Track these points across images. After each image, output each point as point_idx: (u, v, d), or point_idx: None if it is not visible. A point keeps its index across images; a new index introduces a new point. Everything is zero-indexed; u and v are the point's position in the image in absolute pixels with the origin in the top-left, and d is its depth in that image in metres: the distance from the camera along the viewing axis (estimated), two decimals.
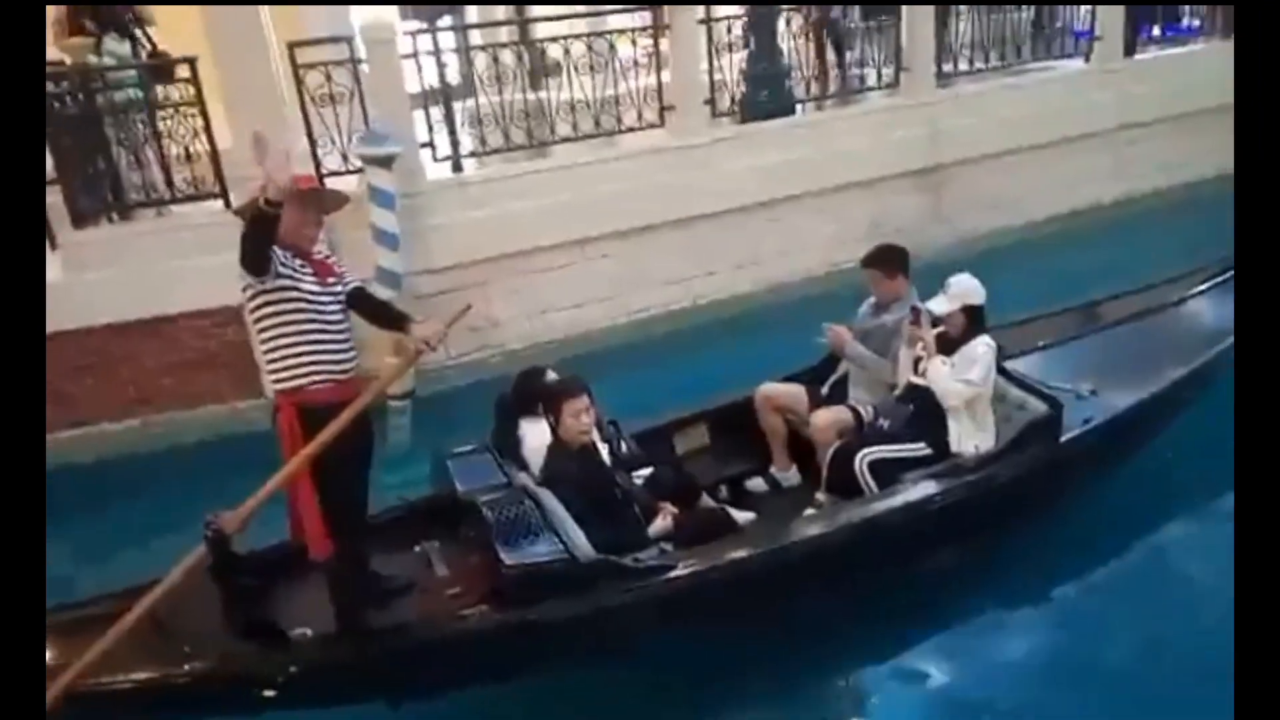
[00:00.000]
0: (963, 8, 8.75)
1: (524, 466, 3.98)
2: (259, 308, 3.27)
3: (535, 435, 4.05)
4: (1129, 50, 9.53)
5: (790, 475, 4.76)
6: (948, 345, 4.30)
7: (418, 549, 3.91)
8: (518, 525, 3.46)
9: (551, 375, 4.23)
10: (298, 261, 3.32)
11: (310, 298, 3.31)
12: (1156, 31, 10.28)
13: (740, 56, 7.99)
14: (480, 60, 7.00)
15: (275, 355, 3.31)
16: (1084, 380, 4.77)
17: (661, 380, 6.60)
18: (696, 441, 4.89)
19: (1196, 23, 10.59)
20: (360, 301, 3.53)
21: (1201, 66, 9.82)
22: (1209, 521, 4.78)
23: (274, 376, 3.34)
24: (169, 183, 6.28)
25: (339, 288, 3.46)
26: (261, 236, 3.10)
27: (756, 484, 4.77)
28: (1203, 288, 5.74)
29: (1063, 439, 4.24)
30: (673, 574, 3.54)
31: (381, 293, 6.28)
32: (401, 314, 3.62)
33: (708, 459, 4.84)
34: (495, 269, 6.96)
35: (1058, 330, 5.41)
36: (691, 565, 3.59)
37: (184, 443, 6.21)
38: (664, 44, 7.41)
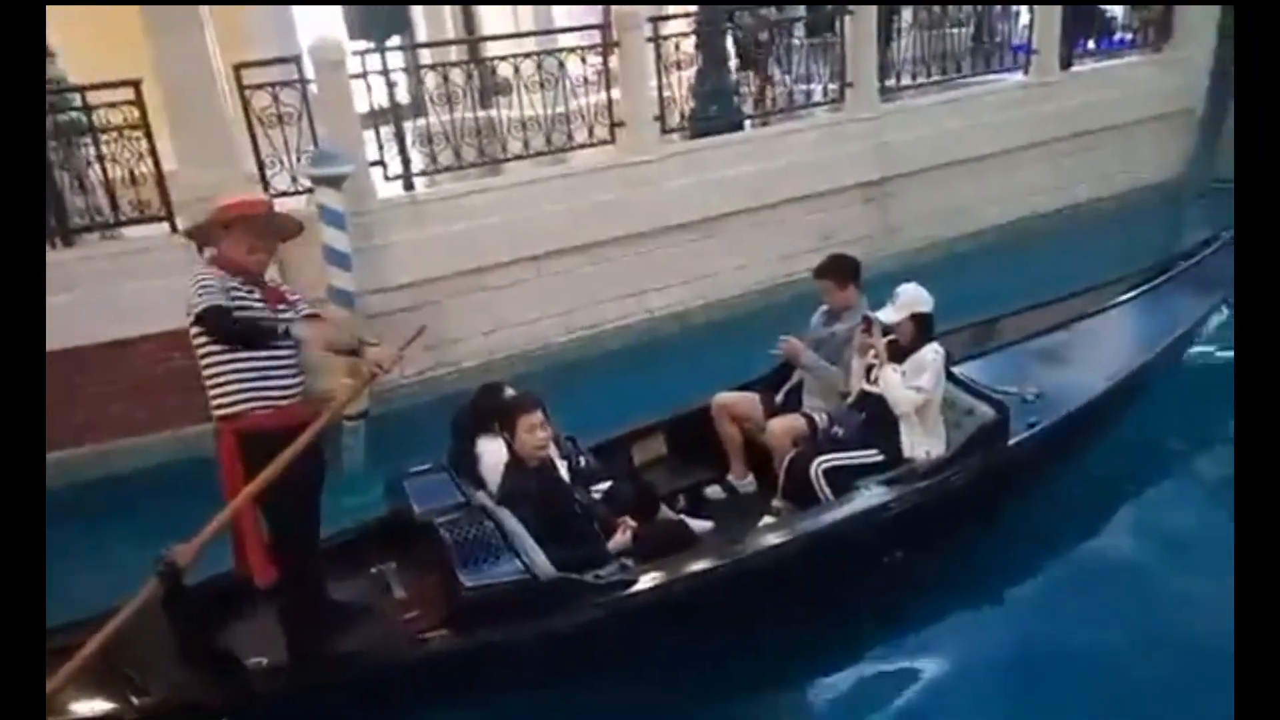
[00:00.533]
0: (905, 23, 8.95)
1: (481, 485, 3.94)
2: (203, 333, 3.23)
3: (492, 453, 4.02)
4: (1065, 64, 9.80)
5: (747, 483, 4.81)
6: (898, 353, 4.38)
7: (374, 571, 3.86)
8: (476, 545, 3.42)
9: (509, 391, 4.22)
10: (247, 288, 3.30)
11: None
12: (1091, 45, 10.58)
13: (689, 73, 8.09)
14: (430, 79, 7.01)
15: (219, 381, 3.26)
16: (1029, 384, 4.88)
17: (618, 393, 6.61)
18: (654, 452, 4.92)
19: (1129, 36, 10.92)
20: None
21: (1134, 78, 10.17)
22: (1158, 513, 4.98)
23: (216, 402, 3.29)
24: (114, 206, 6.18)
25: (289, 315, 3.41)
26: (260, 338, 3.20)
27: (714, 492, 4.81)
28: (1140, 290, 5.92)
29: (1010, 442, 4.33)
30: (634, 589, 3.53)
31: (335, 313, 6.29)
32: (354, 340, 3.60)
33: (666, 469, 4.87)
34: (449, 287, 6.94)
35: (1003, 335, 5.53)
36: (652, 579, 3.58)
37: (135, 469, 6.08)
38: (614, 62, 7.46)
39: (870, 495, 4.05)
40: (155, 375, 6.17)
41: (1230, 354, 6.26)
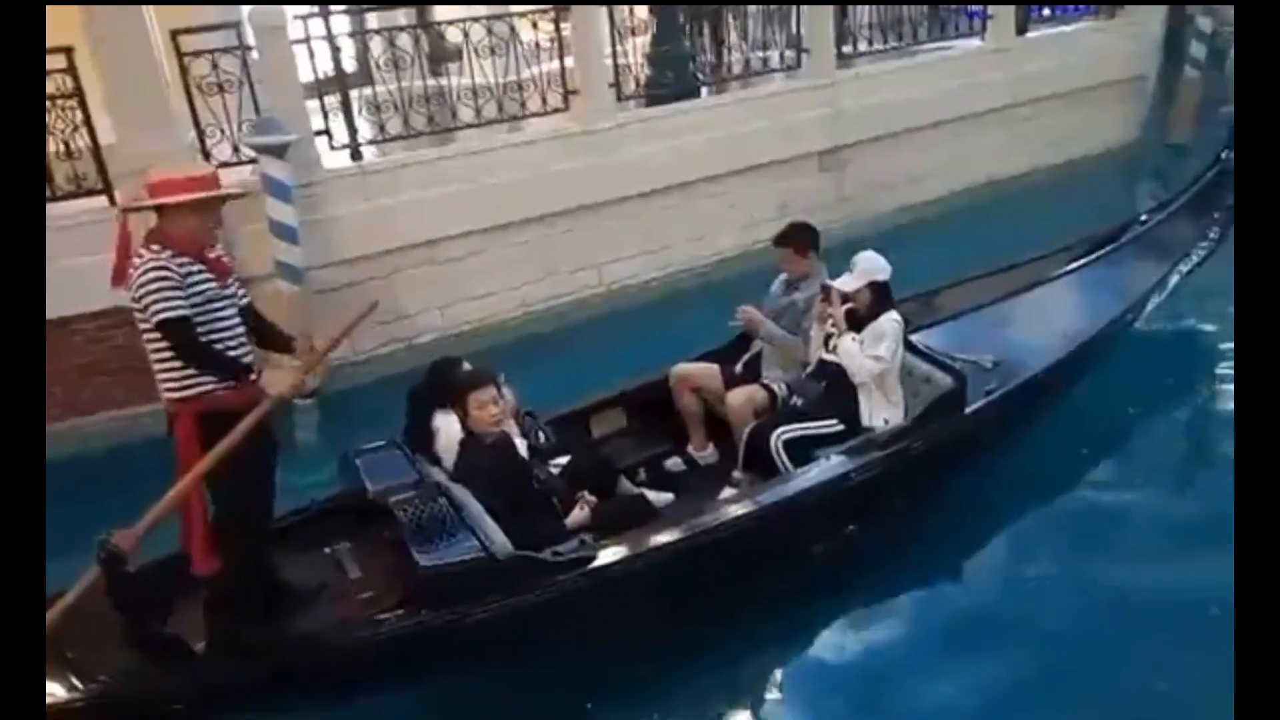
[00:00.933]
0: None
1: (437, 461, 3.87)
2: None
3: (449, 429, 3.94)
4: (1021, 29, 9.81)
5: (708, 454, 4.78)
6: (856, 322, 4.36)
7: (327, 551, 3.77)
8: (432, 524, 3.35)
9: (466, 366, 4.12)
10: (195, 266, 3.19)
11: (208, 305, 3.20)
12: (1047, 11, 10.59)
13: (644, 40, 7.95)
14: (377, 44, 6.81)
15: (170, 362, 3.16)
16: (986, 351, 4.89)
17: (576, 366, 6.56)
18: (613, 425, 4.87)
19: (1083, 4, 10.93)
20: (247, 317, 3.41)
21: (1089, 45, 10.21)
22: (1113, 477, 5.05)
23: (169, 384, 3.19)
24: (48, 180, 5.94)
25: (234, 288, 3.35)
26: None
27: (674, 464, 4.78)
28: (1095, 256, 5.94)
29: (967, 410, 4.34)
30: (593, 565, 3.49)
31: (283, 288, 6.12)
32: (287, 336, 3.54)
33: (625, 442, 4.83)
34: (401, 260, 6.79)
35: (960, 302, 5.51)
36: (612, 555, 3.55)
37: (78, 453, 5.88)
38: (566, 28, 7.31)
39: (830, 465, 4.04)
40: (97, 355, 5.98)
41: (1182, 319, 6.42)
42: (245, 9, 6.51)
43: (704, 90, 8.31)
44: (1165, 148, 10.19)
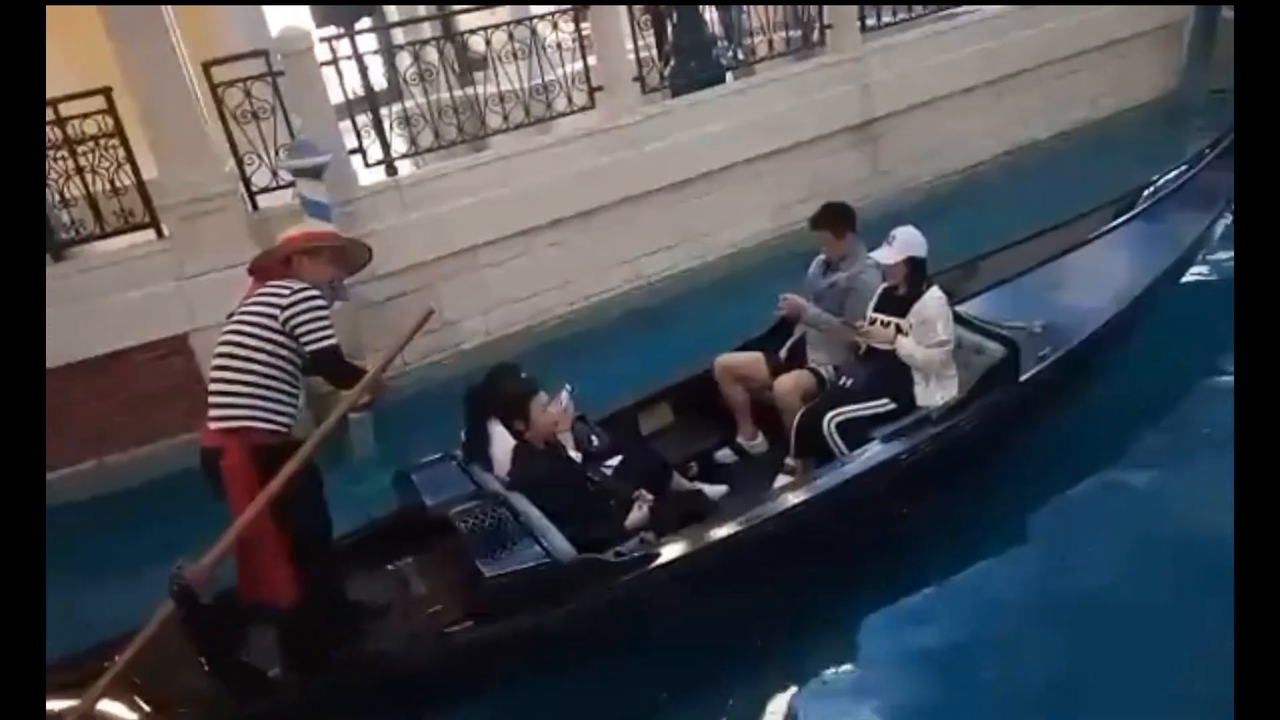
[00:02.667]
0: None
1: (491, 467, 3.89)
2: (284, 342, 3.25)
3: (502, 435, 3.95)
4: None
5: (757, 443, 4.77)
6: (898, 301, 4.32)
7: (391, 568, 3.81)
8: (493, 534, 3.37)
9: (523, 374, 4.10)
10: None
11: None
12: None
13: (667, 30, 7.93)
14: (404, 60, 6.89)
15: (264, 394, 3.23)
16: (1034, 316, 4.82)
17: (622, 362, 6.57)
18: (661, 420, 4.88)
19: None
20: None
21: None
22: (1170, 441, 4.86)
23: (244, 413, 3.21)
24: (98, 217, 6.11)
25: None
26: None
27: (725, 455, 4.78)
28: (1138, 210, 5.81)
29: (1023, 378, 4.28)
30: (656, 564, 3.49)
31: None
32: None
33: (674, 436, 4.83)
34: (441, 269, 6.86)
35: (1002, 268, 5.42)
36: (674, 552, 3.54)
37: (144, 480, 6.04)
38: (587, 27, 7.32)
39: (887, 447, 4.00)
40: (153, 385, 6.13)
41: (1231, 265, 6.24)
42: (273, 33, 6.62)
43: (729, 75, 8.26)
44: (1210, 92, 9.91)
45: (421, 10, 10.11)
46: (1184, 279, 5.58)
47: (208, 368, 3.44)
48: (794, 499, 3.81)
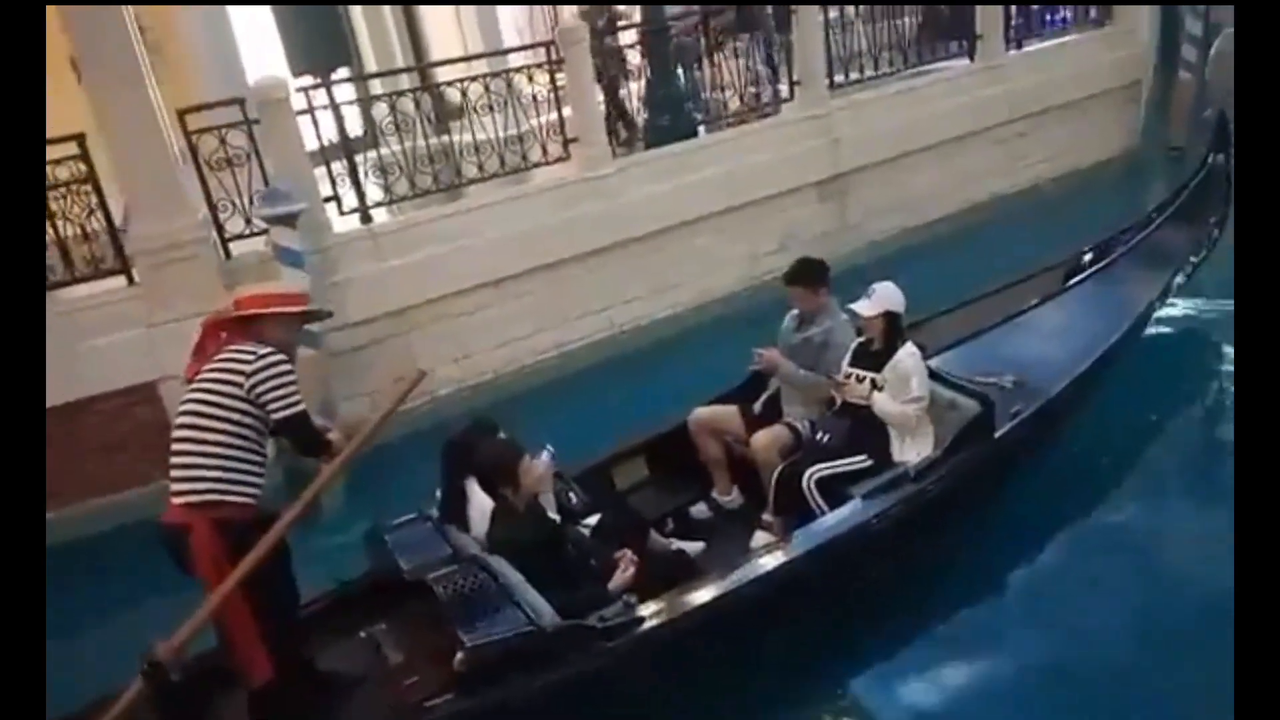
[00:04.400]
0: (849, 17, 8.94)
1: (468, 527, 3.79)
2: (250, 410, 3.15)
3: (478, 498, 3.85)
4: (1018, 44, 9.95)
5: (733, 498, 4.76)
6: (871, 357, 4.38)
7: (363, 635, 3.67)
8: (473, 599, 3.24)
9: (501, 434, 4.02)
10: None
11: None
12: (1036, 23, 10.64)
13: (640, 84, 8.06)
14: (380, 109, 6.93)
15: (240, 462, 3.15)
16: (1003, 371, 4.89)
17: (594, 412, 6.58)
18: (636, 475, 4.85)
19: (1071, 14, 10.97)
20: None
21: (1081, 55, 10.28)
22: (1140, 488, 5.07)
23: (211, 486, 3.11)
24: (68, 263, 6.04)
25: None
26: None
27: (700, 510, 4.76)
28: (1096, 268, 5.95)
29: (998, 434, 4.32)
30: (642, 628, 3.41)
31: (301, 353, 6.16)
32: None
33: (649, 492, 4.81)
34: (415, 317, 6.86)
35: (968, 323, 5.50)
36: (659, 616, 3.47)
37: (109, 529, 5.93)
38: (562, 79, 7.42)
39: (868, 504, 3.99)
40: (122, 432, 6.03)
41: (1190, 318, 6.49)
42: (250, 82, 6.63)
43: (701, 129, 8.39)
44: (1169, 151, 10.21)
45: (398, 59, 10.17)
46: (1144, 333, 5.73)
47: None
48: (779, 559, 3.77)
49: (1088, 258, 6.16)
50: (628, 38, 8.34)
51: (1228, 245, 6.39)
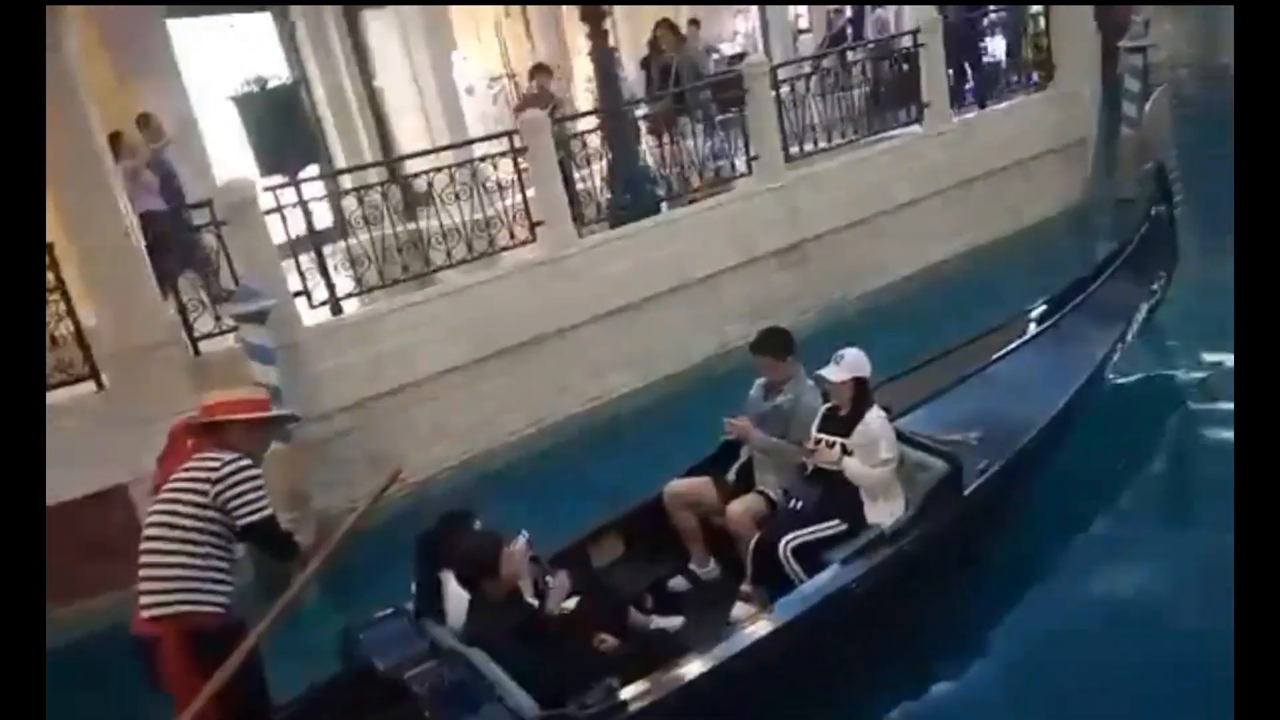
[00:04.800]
0: (800, 92, 9.23)
1: (444, 619, 3.74)
2: (217, 518, 3.17)
3: (453, 589, 3.82)
4: (979, 103, 10.38)
5: (710, 569, 4.78)
6: (841, 421, 4.46)
7: None
8: (453, 694, 3.22)
9: (477, 524, 4.04)
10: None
11: None
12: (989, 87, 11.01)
13: (602, 165, 8.25)
14: (349, 203, 7.04)
15: (209, 571, 3.16)
16: (968, 429, 4.97)
17: (567, 488, 6.57)
18: (613, 552, 4.85)
19: (1015, 78, 11.35)
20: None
21: (1027, 116, 10.61)
22: (1115, 536, 5.15)
23: (181, 597, 3.12)
24: None
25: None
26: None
27: (678, 583, 4.77)
28: (1050, 323, 6.10)
29: (966, 491, 4.40)
30: (625, 713, 3.38)
31: (273, 448, 6.16)
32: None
33: (626, 568, 4.80)
34: (386, 404, 6.88)
35: (929, 383, 5.60)
36: (643, 699, 3.44)
37: (81, 635, 5.83)
38: (525, 163, 7.58)
39: (846, 569, 4.03)
40: (97, 537, 5.95)
41: (1145, 366, 6.68)
42: (218, 183, 6.72)
43: (663, 205, 8.58)
44: (1118, 203, 10.52)
45: (368, 156, 10.36)
46: (1104, 381, 5.86)
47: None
48: (761, 631, 3.78)
49: (1041, 311, 6.31)
50: (587, 123, 8.54)
51: (1177, 293, 6.63)
